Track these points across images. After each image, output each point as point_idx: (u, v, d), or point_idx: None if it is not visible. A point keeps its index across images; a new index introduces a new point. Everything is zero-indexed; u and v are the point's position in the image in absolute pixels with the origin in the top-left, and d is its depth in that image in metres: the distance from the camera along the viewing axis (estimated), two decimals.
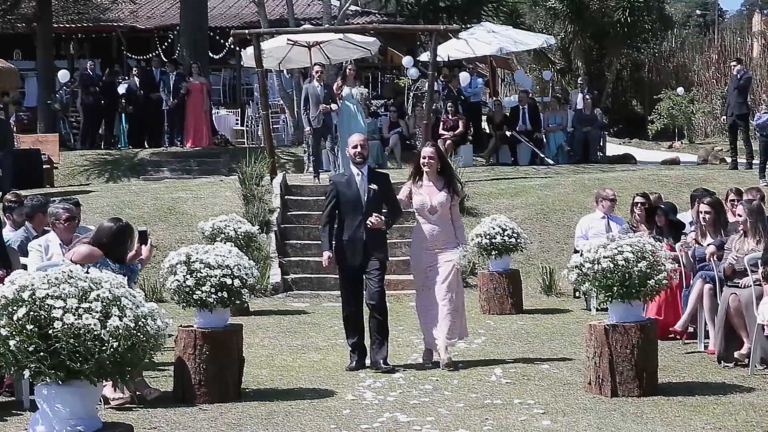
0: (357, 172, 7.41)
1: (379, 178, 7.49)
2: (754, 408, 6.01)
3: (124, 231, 6.67)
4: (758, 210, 7.47)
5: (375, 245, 7.33)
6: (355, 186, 7.36)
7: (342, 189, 7.40)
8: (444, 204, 7.44)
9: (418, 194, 7.48)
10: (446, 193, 7.45)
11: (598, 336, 6.44)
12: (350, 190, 7.36)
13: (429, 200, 7.44)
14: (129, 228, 6.79)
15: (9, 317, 4.26)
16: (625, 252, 6.32)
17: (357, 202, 7.33)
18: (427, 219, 7.46)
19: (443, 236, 7.45)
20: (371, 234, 7.28)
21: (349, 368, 7.38)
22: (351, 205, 7.34)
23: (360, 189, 7.35)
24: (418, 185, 7.51)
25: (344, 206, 7.37)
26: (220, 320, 6.56)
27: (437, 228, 7.44)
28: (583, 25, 24.62)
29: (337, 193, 7.40)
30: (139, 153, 19.31)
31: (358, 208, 7.32)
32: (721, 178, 14.20)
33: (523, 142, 17.62)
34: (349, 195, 7.35)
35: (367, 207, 7.30)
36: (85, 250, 6.49)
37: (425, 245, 7.46)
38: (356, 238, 7.30)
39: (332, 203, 7.41)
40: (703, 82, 29.58)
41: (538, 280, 11.61)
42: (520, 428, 5.66)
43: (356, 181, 7.38)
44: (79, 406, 4.36)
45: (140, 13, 27.65)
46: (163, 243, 11.99)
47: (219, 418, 5.94)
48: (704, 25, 52.14)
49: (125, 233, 6.69)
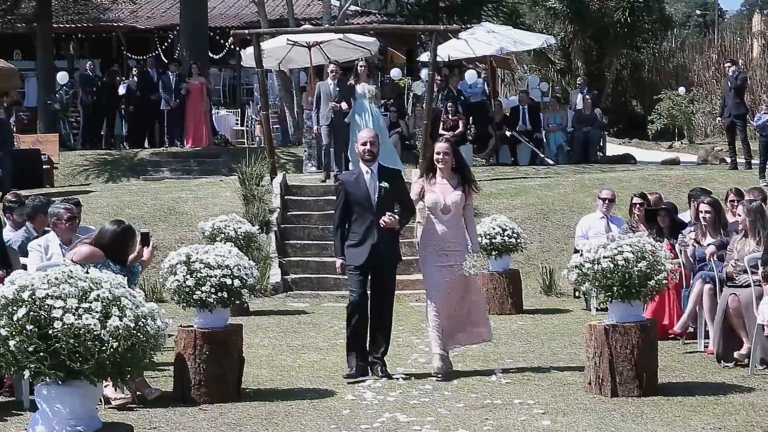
0: (366, 169, 7.02)
1: (391, 176, 7.09)
2: (754, 408, 6.01)
3: (125, 233, 6.66)
4: (758, 210, 7.47)
5: (387, 246, 6.98)
6: (365, 184, 6.99)
7: (351, 188, 7.04)
8: (458, 203, 7.06)
9: (431, 192, 7.08)
10: (461, 192, 7.07)
11: (598, 336, 6.44)
12: (359, 189, 6.99)
13: (443, 199, 7.06)
14: (131, 230, 6.77)
15: (9, 317, 4.27)
16: (625, 252, 6.32)
17: (367, 202, 6.97)
18: (439, 219, 7.07)
19: (455, 238, 7.07)
20: (382, 235, 6.92)
21: (348, 375, 6.96)
22: (361, 204, 6.98)
23: (370, 188, 6.97)
24: (431, 183, 7.12)
25: (354, 206, 7.00)
26: (220, 320, 6.56)
27: (449, 229, 7.05)
28: (583, 25, 24.63)
29: (346, 193, 7.06)
30: (138, 153, 19.32)
31: (368, 208, 6.96)
32: (720, 179, 14.20)
33: (523, 142, 17.63)
34: (359, 194, 6.98)
35: (378, 206, 6.93)
36: (87, 250, 6.49)
37: (436, 246, 7.06)
38: (367, 240, 6.94)
39: (342, 204, 7.06)
40: (703, 82, 29.60)
41: (538, 280, 11.62)
42: (520, 428, 5.66)
43: (365, 180, 7.00)
44: (79, 406, 4.36)
45: (140, 13, 27.67)
46: (164, 243, 12.00)
47: (219, 418, 5.94)
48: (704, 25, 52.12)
49: (127, 236, 6.67)
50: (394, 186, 7.03)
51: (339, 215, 7.10)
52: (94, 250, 6.47)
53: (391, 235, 7.02)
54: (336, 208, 7.22)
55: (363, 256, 6.93)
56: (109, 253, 6.52)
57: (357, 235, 6.99)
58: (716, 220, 8.26)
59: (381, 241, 6.93)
